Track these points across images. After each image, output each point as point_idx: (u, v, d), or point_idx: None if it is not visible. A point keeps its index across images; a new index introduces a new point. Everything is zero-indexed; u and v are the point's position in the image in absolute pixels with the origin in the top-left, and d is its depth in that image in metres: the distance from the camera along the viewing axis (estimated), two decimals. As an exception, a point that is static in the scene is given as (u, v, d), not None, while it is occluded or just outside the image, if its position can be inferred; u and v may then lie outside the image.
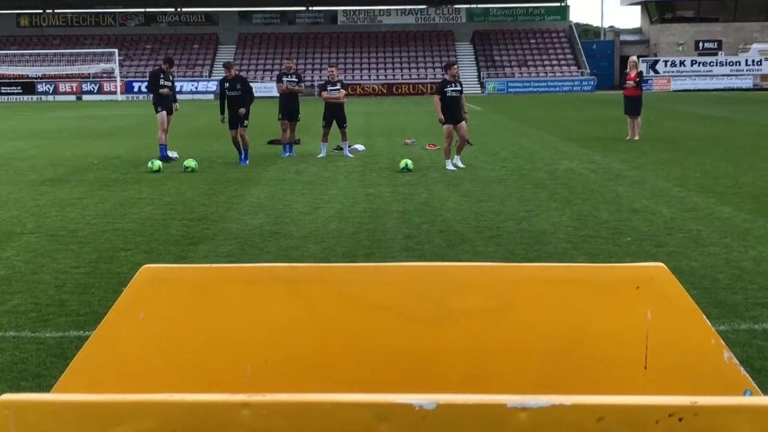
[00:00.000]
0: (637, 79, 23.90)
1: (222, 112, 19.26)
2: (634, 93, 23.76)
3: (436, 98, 17.51)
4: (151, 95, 20.23)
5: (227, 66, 19.59)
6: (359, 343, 3.11)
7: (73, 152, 22.00)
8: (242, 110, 18.96)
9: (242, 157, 18.97)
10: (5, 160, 20.05)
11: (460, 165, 17.46)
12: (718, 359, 2.88)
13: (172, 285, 3.09)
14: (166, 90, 19.71)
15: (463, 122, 17.42)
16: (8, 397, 1.96)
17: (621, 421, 1.88)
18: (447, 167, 17.32)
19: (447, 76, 17.71)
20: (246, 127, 19.07)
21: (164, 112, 19.62)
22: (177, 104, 20.09)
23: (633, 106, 23.61)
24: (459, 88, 17.49)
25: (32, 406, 1.96)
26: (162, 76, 19.79)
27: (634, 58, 25.31)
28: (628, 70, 24.48)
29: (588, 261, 8.74)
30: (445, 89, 17.38)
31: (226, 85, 19.21)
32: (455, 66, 18.03)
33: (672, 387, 2.90)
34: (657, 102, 44.04)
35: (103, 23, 78.11)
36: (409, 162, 17.25)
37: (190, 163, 17.61)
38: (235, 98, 19.05)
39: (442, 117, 17.33)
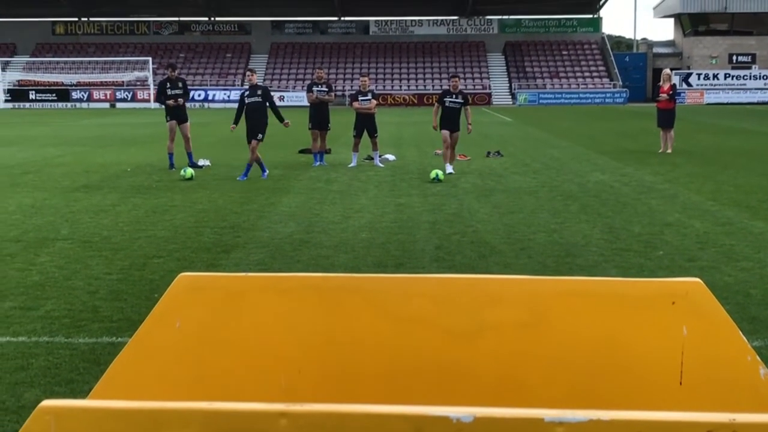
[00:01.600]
0: (671, 92, 23.77)
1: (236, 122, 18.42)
2: (667, 106, 23.64)
3: (436, 106, 18.94)
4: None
5: (252, 71, 19.25)
6: (391, 355, 3.11)
7: (107, 159, 22.19)
8: (287, 122, 18.45)
9: (244, 173, 17.88)
10: (40, 167, 20.25)
11: (449, 170, 18.29)
12: (754, 376, 2.86)
13: (208, 293, 3.11)
14: (172, 101, 19.57)
15: (457, 132, 18.58)
16: (49, 403, 1.98)
17: (658, 437, 1.87)
18: (447, 171, 18.06)
19: (449, 87, 18.97)
20: (259, 141, 17.98)
21: (173, 122, 19.63)
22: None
23: (666, 119, 23.48)
24: (460, 99, 18.62)
25: (72, 412, 1.98)
26: (169, 84, 19.75)
27: (668, 70, 25.19)
28: (661, 83, 24.36)
29: (620, 274, 8.69)
30: (445, 99, 18.68)
31: (247, 92, 18.42)
32: (456, 78, 19.31)
33: (707, 403, 2.88)
34: (690, 115, 43.76)
35: (137, 31, 78.78)
36: (440, 172, 17.25)
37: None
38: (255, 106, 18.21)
39: (436, 124, 18.71)
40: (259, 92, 18.31)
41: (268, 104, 18.24)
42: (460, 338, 3.10)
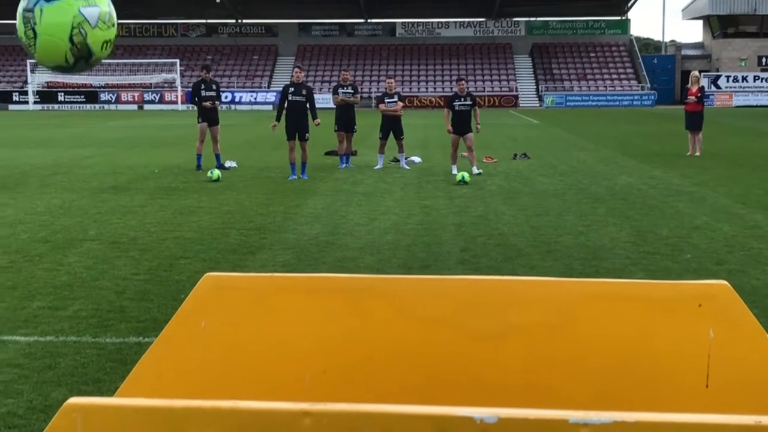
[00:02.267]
0: (699, 95, 23.62)
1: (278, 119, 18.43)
2: (695, 108, 23.49)
3: (446, 111, 19.42)
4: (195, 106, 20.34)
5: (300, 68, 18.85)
6: (417, 356, 3.11)
7: (134, 161, 22.32)
8: (317, 120, 18.50)
9: (302, 170, 18.17)
10: (68, 168, 20.40)
11: (476, 171, 18.63)
12: (782, 379, 2.84)
13: (233, 293, 3.12)
14: (209, 103, 19.76)
15: (470, 133, 18.93)
16: (76, 400, 1.99)
17: (684, 439, 1.86)
18: (452, 172, 18.52)
19: (457, 90, 19.30)
20: (307, 140, 18.36)
21: (204, 124, 19.76)
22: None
23: (694, 121, 23.34)
24: (469, 102, 19.03)
25: (99, 409, 1.99)
26: (203, 86, 19.89)
27: (696, 73, 25.02)
28: (689, 85, 24.20)
29: (647, 277, 8.65)
30: (454, 103, 19.09)
31: (292, 89, 18.38)
32: (462, 81, 19.56)
33: (733, 406, 2.85)
34: (719, 117, 43.46)
35: (165, 34, 79.23)
36: (466, 174, 17.22)
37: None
38: (298, 104, 18.30)
39: (450, 128, 19.02)
40: (304, 92, 18.44)
41: (308, 105, 18.36)
42: (485, 340, 3.10)
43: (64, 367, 6.20)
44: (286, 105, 18.41)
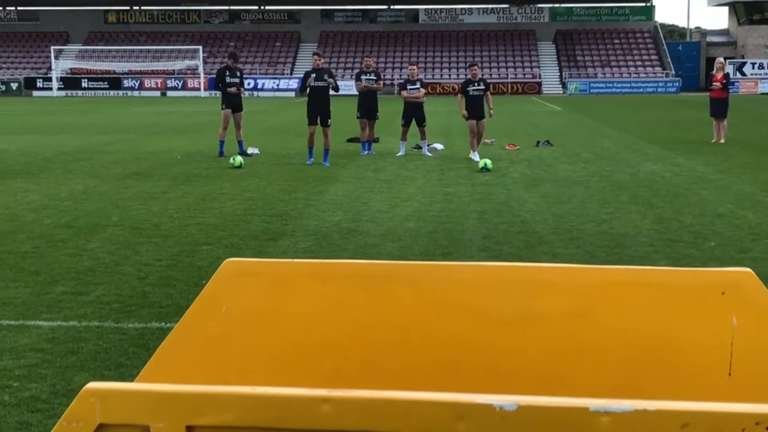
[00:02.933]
0: (724, 81, 23.44)
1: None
2: (720, 95, 23.31)
3: (459, 96, 19.61)
4: (219, 93, 20.40)
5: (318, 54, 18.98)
6: (437, 342, 3.10)
7: (157, 147, 22.40)
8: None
9: (324, 157, 18.27)
10: (92, 154, 20.50)
11: (476, 159, 18.47)
12: (806, 368, 2.81)
13: (254, 279, 3.12)
14: (233, 89, 19.82)
15: (484, 120, 19.11)
16: (94, 385, 2.00)
17: (706, 428, 1.84)
18: (473, 158, 18.74)
19: (470, 76, 19.56)
20: (329, 125, 18.48)
21: (228, 110, 19.77)
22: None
23: (719, 108, 23.16)
24: (482, 87, 19.23)
25: (117, 394, 1.99)
26: (228, 73, 19.91)
27: (721, 59, 24.82)
28: (714, 72, 24.02)
29: (670, 265, 8.58)
30: (468, 88, 19.22)
31: (313, 75, 18.52)
32: (475, 66, 19.89)
33: (757, 394, 2.83)
34: (744, 105, 43.11)
35: (188, 20, 79.40)
36: (488, 162, 17.16)
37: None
38: (322, 90, 18.56)
39: (465, 113, 19.21)
40: (326, 76, 18.63)
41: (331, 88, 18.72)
42: (507, 326, 3.09)
43: (86, 352, 6.23)
44: (308, 91, 18.69)
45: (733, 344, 2.95)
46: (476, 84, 19.19)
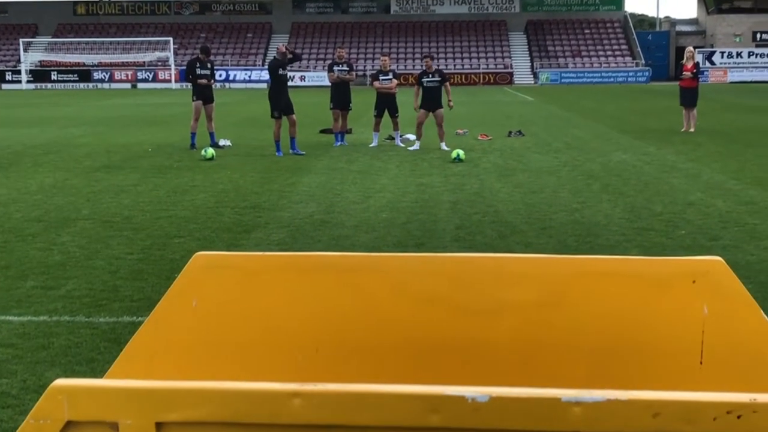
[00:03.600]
0: (694, 71, 23.57)
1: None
2: (690, 84, 23.45)
3: (416, 88, 19.68)
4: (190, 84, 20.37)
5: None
6: (410, 334, 3.09)
7: (128, 139, 22.25)
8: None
9: (293, 146, 18.53)
10: (62, 147, 20.33)
11: (444, 147, 18.85)
12: (776, 355, 2.82)
13: (224, 272, 3.10)
14: (204, 81, 19.78)
15: (441, 110, 19.25)
16: (62, 382, 1.97)
17: (677, 417, 1.84)
18: (415, 148, 19.25)
19: (425, 68, 19.81)
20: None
21: (199, 102, 19.73)
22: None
23: (689, 97, 23.29)
24: (437, 78, 19.41)
25: (85, 391, 1.97)
26: (199, 64, 19.90)
27: (691, 48, 24.96)
28: (684, 61, 24.15)
29: (641, 254, 8.64)
30: (422, 80, 19.44)
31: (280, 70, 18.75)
32: (428, 58, 20.07)
33: (728, 383, 2.84)
34: (713, 93, 43.41)
35: (158, 12, 78.84)
36: (461, 152, 17.18)
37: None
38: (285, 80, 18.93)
39: (417, 105, 19.45)
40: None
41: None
42: (480, 317, 3.08)
43: (57, 347, 6.18)
44: (271, 83, 19.10)
45: (704, 333, 2.96)
46: (431, 75, 19.36)
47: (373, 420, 1.90)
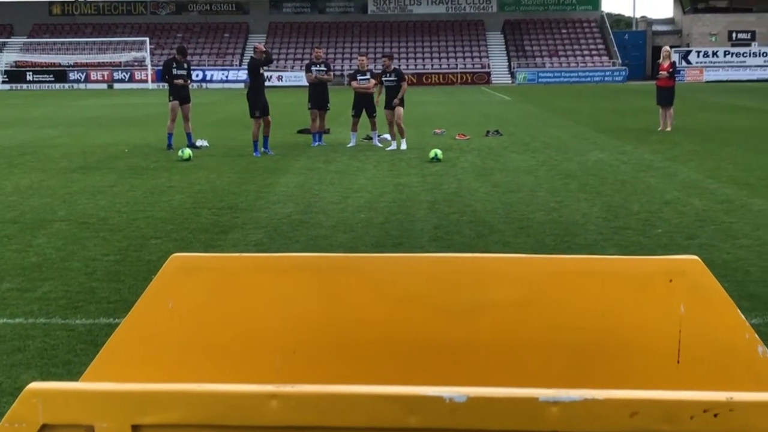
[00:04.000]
0: (670, 70, 23.70)
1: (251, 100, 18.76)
2: (666, 84, 23.57)
3: (378, 87, 20.07)
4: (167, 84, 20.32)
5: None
6: (388, 334, 3.09)
7: (104, 140, 22.13)
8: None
9: (266, 145, 18.65)
10: (37, 148, 20.20)
11: (404, 147, 19.10)
12: (753, 354, 2.84)
13: (201, 274, 3.08)
14: (180, 81, 19.72)
15: (395, 108, 19.49)
16: (37, 385, 1.95)
17: (655, 416, 1.85)
18: (389, 147, 19.38)
19: (384, 67, 20.20)
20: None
21: (176, 102, 19.68)
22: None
23: (666, 96, 23.41)
24: (394, 78, 19.78)
25: (60, 394, 1.95)
26: (175, 65, 19.86)
27: (667, 48, 25.11)
28: (660, 61, 24.27)
29: (618, 253, 8.67)
30: (382, 78, 19.91)
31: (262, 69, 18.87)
32: (386, 58, 20.27)
33: (705, 381, 2.86)
34: (689, 93, 43.66)
35: (134, 12, 78.45)
36: (439, 152, 17.19)
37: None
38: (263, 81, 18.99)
39: (378, 100, 19.92)
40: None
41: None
42: (458, 317, 3.08)
43: (33, 350, 6.14)
44: (251, 83, 19.04)
45: (681, 332, 2.97)
46: (388, 75, 19.75)
47: (351, 421, 1.89)
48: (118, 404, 1.92)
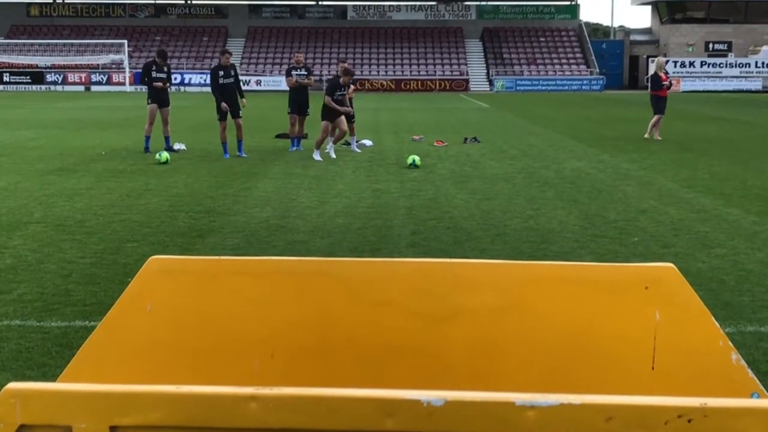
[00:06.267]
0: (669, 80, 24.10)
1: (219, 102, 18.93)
2: (666, 93, 23.88)
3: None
4: (146, 87, 20.27)
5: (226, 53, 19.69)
6: (366, 339, 3.10)
7: (82, 142, 22.02)
8: (244, 101, 19.24)
9: (239, 148, 18.93)
10: (13, 150, 20.07)
11: (333, 155, 18.69)
12: (726, 361, 2.87)
13: (179, 276, 3.08)
14: (160, 84, 19.68)
15: (342, 117, 19.06)
16: (15, 385, 1.95)
17: (630, 421, 1.87)
18: (315, 157, 18.38)
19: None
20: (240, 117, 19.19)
21: (155, 105, 19.64)
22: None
23: (664, 105, 23.69)
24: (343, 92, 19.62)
25: (38, 394, 1.95)
26: (155, 68, 19.82)
27: (662, 58, 25.28)
28: (658, 71, 24.12)
29: (595, 260, 8.71)
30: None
31: (221, 72, 19.06)
32: (343, 63, 19.97)
33: (679, 388, 2.88)
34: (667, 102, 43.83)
35: (112, 14, 78.08)
36: (417, 158, 17.22)
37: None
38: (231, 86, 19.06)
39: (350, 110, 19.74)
40: (233, 73, 19.44)
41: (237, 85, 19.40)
42: (435, 323, 3.10)
43: (8, 352, 6.10)
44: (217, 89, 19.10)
45: (656, 338, 3.00)
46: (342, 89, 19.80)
47: (329, 424, 1.90)
48: (97, 405, 1.92)
